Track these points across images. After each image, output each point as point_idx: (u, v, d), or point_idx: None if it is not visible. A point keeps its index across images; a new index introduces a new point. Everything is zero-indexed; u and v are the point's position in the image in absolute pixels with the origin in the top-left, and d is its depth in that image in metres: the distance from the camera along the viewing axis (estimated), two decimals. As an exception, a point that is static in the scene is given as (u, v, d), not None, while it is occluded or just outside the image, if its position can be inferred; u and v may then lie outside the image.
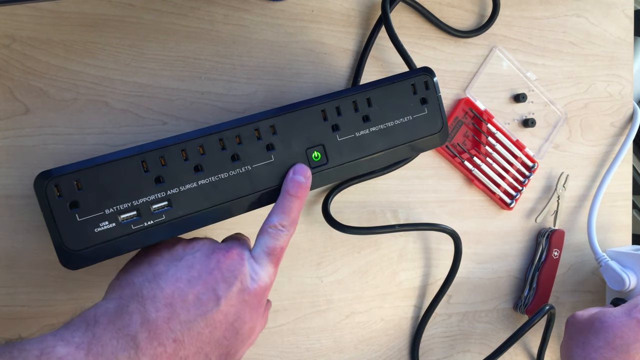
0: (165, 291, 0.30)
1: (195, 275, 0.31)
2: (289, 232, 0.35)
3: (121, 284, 0.31)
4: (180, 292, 0.30)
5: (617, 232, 0.62)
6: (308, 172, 0.36)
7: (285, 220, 0.35)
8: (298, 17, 0.46)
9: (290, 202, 0.35)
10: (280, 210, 0.35)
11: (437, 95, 0.41)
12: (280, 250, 0.35)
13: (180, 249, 0.33)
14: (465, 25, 0.53)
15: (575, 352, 0.48)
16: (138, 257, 0.34)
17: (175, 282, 0.30)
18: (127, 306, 0.29)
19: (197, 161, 0.34)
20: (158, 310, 0.29)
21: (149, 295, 0.30)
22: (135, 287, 0.30)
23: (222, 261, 0.32)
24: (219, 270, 0.32)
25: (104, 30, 0.40)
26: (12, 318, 0.38)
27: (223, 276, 0.32)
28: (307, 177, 0.36)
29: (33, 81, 0.38)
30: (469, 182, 0.54)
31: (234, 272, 0.32)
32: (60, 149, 0.39)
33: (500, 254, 0.56)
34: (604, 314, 0.48)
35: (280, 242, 0.34)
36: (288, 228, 0.35)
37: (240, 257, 0.33)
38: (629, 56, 0.62)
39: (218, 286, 0.31)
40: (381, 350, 0.51)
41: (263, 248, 0.34)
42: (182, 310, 0.30)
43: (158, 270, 0.31)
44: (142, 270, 0.32)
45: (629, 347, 0.45)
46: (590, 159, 0.60)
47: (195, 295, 0.30)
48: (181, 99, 0.42)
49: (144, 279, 0.31)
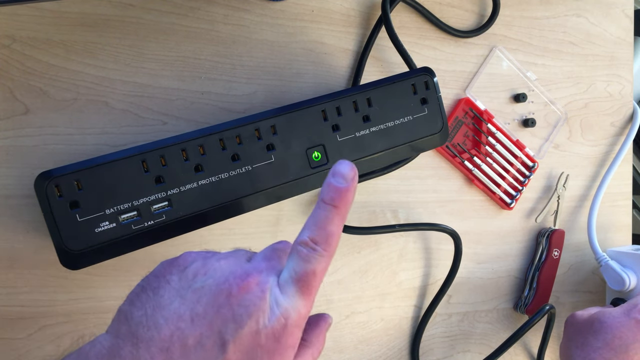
0: (162, 333, 0.25)
1: (200, 313, 0.25)
2: (325, 253, 0.27)
3: (120, 316, 0.27)
4: (180, 335, 0.25)
5: (617, 232, 0.62)
6: (352, 171, 0.27)
7: (320, 236, 0.27)
8: (298, 17, 0.46)
9: (326, 211, 0.27)
10: (312, 223, 0.27)
11: (437, 95, 0.41)
12: (312, 277, 0.26)
13: (192, 272, 0.28)
14: (465, 25, 0.53)
15: (575, 352, 0.48)
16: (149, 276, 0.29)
17: (176, 322, 0.25)
18: (120, 349, 0.25)
19: (198, 161, 0.34)
20: (152, 356, 0.25)
21: (145, 338, 0.25)
22: (133, 324, 0.26)
23: (235, 294, 0.26)
24: (229, 307, 0.25)
25: (104, 30, 0.40)
26: (12, 318, 0.38)
27: (233, 314, 0.25)
28: (350, 178, 0.27)
29: (33, 81, 0.38)
30: (469, 182, 0.54)
31: (248, 309, 0.25)
32: (60, 149, 0.39)
33: (500, 254, 0.56)
34: (603, 314, 0.48)
35: (312, 265, 0.26)
36: (323, 246, 0.27)
37: (261, 287, 0.26)
38: (629, 56, 0.62)
39: (225, 328, 0.25)
40: (381, 350, 0.51)
41: (291, 273, 0.27)
42: (180, 358, 0.25)
43: (161, 303, 0.26)
44: (145, 299, 0.27)
45: (627, 348, 0.45)
46: (590, 159, 0.60)
47: (197, 340, 0.25)
48: (181, 99, 0.42)
49: (143, 314, 0.26)
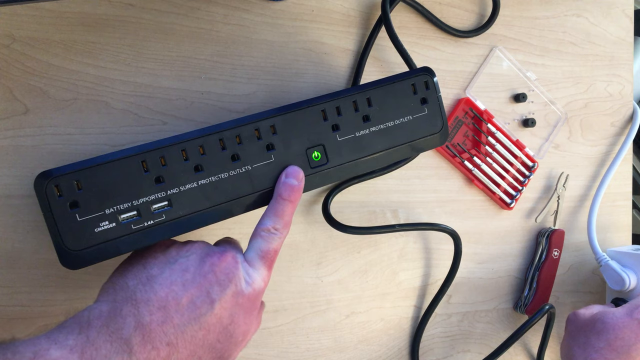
0: (159, 294, 0.30)
1: (189, 279, 0.31)
2: (282, 235, 0.35)
3: (115, 287, 0.31)
4: (174, 296, 0.30)
5: (617, 232, 0.62)
6: (300, 174, 0.36)
7: (278, 223, 0.35)
8: (298, 17, 0.46)
9: (283, 205, 0.35)
10: (272, 214, 0.35)
11: (437, 95, 0.41)
12: (274, 253, 0.35)
13: (175, 251, 0.33)
14: (465, 25, 0.53)
15: (577, 352, 0.48)
16: (132, 258, 0.33)
17: (169, 285, 0.30)
18: (120, 309, 0.29)
19: (197, 161, 0.34)
20: (152, 313, 0.29)
21: (143, 299, 0.29)
22: (129, 290, 0.30)
23: (217, 264, 0.32)
24: (213, 274, 0.32)
25: (104, 30, 0.40)
26: (11, 318, 0.38)
27: (217, 279, 0.31)
28: (300, 179, 0.36)
29: (33, 81, 0.38)
30: (469, 182, 0.54)
31: (229, 275, 0.32)
32: (60, 149, 0.39)
33: (500, 254, 0.56)
34: (606, 315, 0.48)
35: (273, 245, 0.34)
36: (281, 231, 0.35)
37: (235, 260, 0.33)
38: (629, 56, 0.62)
39: (212, 289, 0.31)
40: (381, 350, 0.51)
41: (257, 251, 0.34)
42: (176, 313, 0.30)
43: (152, 273, 0.31)
44: (136, 272, 0.31)
45: (629, 349, 0.45)
46: (590, 159, 0.60)
47: (189, 299, 0.30)
48: (181, 99, 0.42)
49: (138, 282, 0.30)
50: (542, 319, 0.52)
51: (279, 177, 0.36)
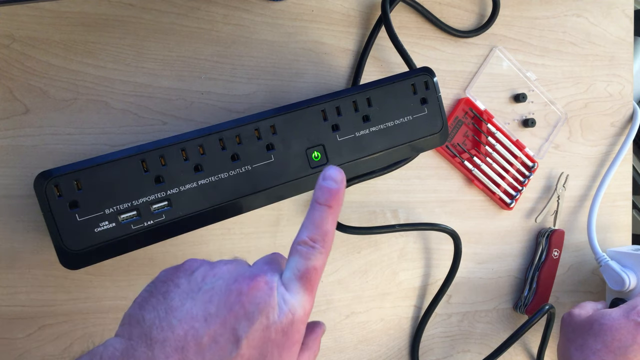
0: (177, 332, 0.26)
1: (212, 312, 0.27)
2: (323, 249, 0.29)
3: (131, 320, 0.28)
4: (195, 334, 0.26)
5: (617, 232, 0.62)
6: (340, 175, 0.30)
7: (317, 234, 0.29)
8: (298, 17, 0.46)
9: (321, 212, 0.29)
10: (309, 223, 0.29)
11: (437, 95, 0.41)
12: (314, 272, 0.29)
13: (200, 276, 0.29)
14: (465, 25, 0.53)
15: (574, 353, 0.48)
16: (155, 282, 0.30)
17: (189, 321, 0.26)
18: (134, 350, 0.26)
19: (197, 161, 0.34)
20: (167, 356, 0.26)
21: (159, 339, 0.26)
22: (146, 326, 0.27)
23: (245, 293, 0.27)
24: (240, 305, 0.27)
25: (104, 30, 0.40)
26: (12, 318, 0.38)
27: (245, 312, 0.27)
28: (340, 181, 0.30)
29: (33, 81, 0.38)
30: (469, 182, 0.54)
31: (259, 306, 0.27)
32: (60, 149, 0.39)
33: (500, 254, 0.56)
34: (602, 316, 0.48)
35: (313, 262, 0.29)
36: (321, 243, 0.29)
37: (269, 285, 0.28)
38: (629, 56, 0.62)
39: (238, 325, 0.26)
40: (381, 350, 0.51)
41: (293, 271, 0.29)
42: (195, 355, 0.26)
43: (172, 305, 0.27)
44: (155, 304, 0.28)
45: (626, 350, 0.45)
46: (590, 159, 0.60)
47: (211, 337, 0.26)
48: (181, 99, 0.42)
49: (156, 316, 0.27)
50: (542, 319, 0.52)
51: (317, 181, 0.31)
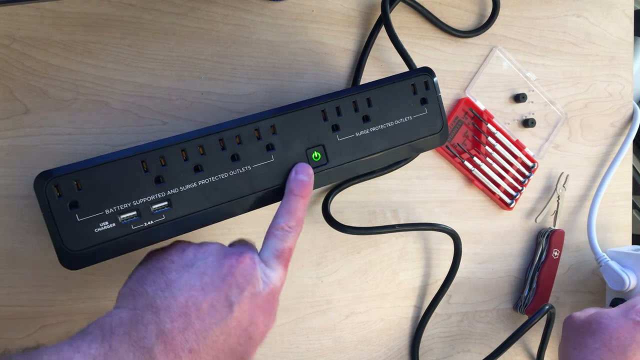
0: (179, 300, 0.30)
1: (208, 282, 0.31)
2: (296, 232, 0.35)
3: (134, 293, 0.31)
4: (194, 301, 0.30)
5: (617, 232, 0.62)
6: (310, 170, 0.37)
7: (292, 220, 0.35)
8: (298, 17, 0.46)
9: (295, 202, 0.35)
10: (285, 211, 0.35)
11: (437, 95, 0.41)
12: (289, 251, 0.35)
13: (192, 253, 0.33)
14: (465, 25, 0.53)
15: (572, 353, 0.48)
16: (148, 262, 0.33)
17: (188, 290, 0.30)
18: (142, 317, 0.29)
19: (197, 161, 0.34)
20: (173, 320, 0.29)
21: (163, 305, 0.29)
22: (149, 297, 0.30)
23: (235, 266, 0.32)
24: (232, 276, 0.31)
25: (104, 30, 0.40)
26: (12, 318, 0.38)
27: (236, 282, 0.31)
28: (310, 175, 0.36)
29: (33, 81, 0.38)
30: (469, 182, 0.54)
31: (247, 277, 0.32)
32: (60, 149, 0.39)
33: (500, 254, 0.56)
34: (601, 316, 0.48)
35: (288, 243, 0.35)
36: (295, 228, 0.35)
37: (253, 261, 0.33)
38: (629, 56, 0.62)
39: (231, 292, 0.31)
40: (381, 350, 0.51)
41: (272, 251, 0.34)
42: (197, 319, 0.29)
43: (171, 278, 0.31)
44: (154, 278, 0.31)
45: (625, 349, 0.45)
46: (590, 159, 0.60)
47: (209, 303, 0.30)
48: (181, 99, 0.42)
49: (157, 288, 0.30)
50: (542, 319, 0.52)
51: (289, 175, 0.36)
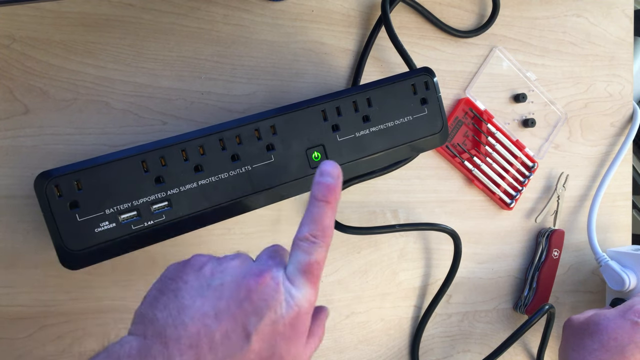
0: (190, 330, 0.27)
1: (223, 309, 0.28)
2: (324, 243, 0.30)
3: (144, 319, 0.28)
4: (207, 331, 0.27)
5: (617, 232, 0.62)
6: (336, 169, 0.31)
7: (317, 230, 0.30)
8: (298, 17, 0.46)
9: (319, 208, 0.30)
10: (310, 220, 0.30)
11: (437, 96, 0.41)
12: (316, 266, 0.30)
13: (209, 271, 0.30)
14: (465, 25, 0.53)
15: (571, 355, 0.48)
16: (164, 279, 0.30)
17: (201, 319, 0.27)
18: (150, 348, 0.27)
19: (197, 161, 0.34)
20: (182, 353, 0.26)
21: (173, 336, 0.27)
22: (159, 325, 0.28)
23: (254, 289, 0.28)
24: (249, 302, 0.28)
25: (104, 31, 0.40)
26: (12, 318, 0.38)
27: (254, 308, 0.28)
28: (336, 175, 0.31)
29: (33, 81, 0.38)
30: (469, 182, 0.54)
31: (267, 301, 0.28)
32: (61, 149, 0.39)
33: (500, 254, 0.56)
34: (599, 317, 0.48)
35: (315, 255, 0.30)
36: (321, 238, 0.30)
37: (275, 281, 0.29)
38: (629, 56, 0.62)
39: (248, 320, 0.27)
40: (381, 350, 0.51)
41: (296, 265, 0.30)
42: (209, 352, 0.27)
43: (184, 304, 0.28)
44: (166, 302, 0.29)
45: (623, 349, 0.45)
46: (590, 159, 0.60)
47: (223, 333, 0.27)
48: (181, 99, 0.42)
49: (168, 315, 0.28)
50: (542, 319, 0.52)
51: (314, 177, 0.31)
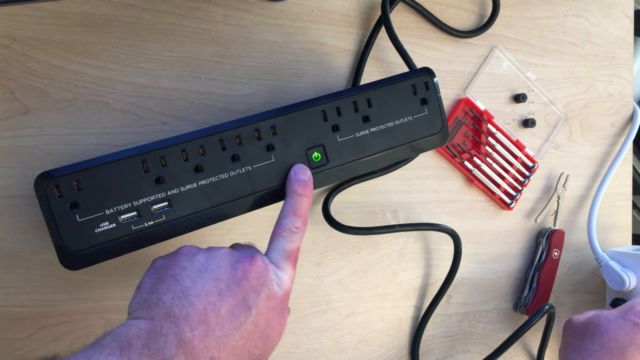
0: (197, 307, 0.29)
1: (224, 287, 0.31)
2: (302, 232, 0.35)
3: (149, 304, 0.30)
4: (213, 307, 0.30)
5: (617, 232, 0.62)
6: (308, 171, 0.37)
7: (297, 221, 0.35)
8: (298, 17, 0.46)
9: (299, 201, 0.36)
10: (291, 212, 0.35)
11: (437, 96, 0.41)
12: (296, 252, 0.35)
13: (203, 258, 0.32)
14: (465, 25, 0.53)
15: (571, 356, 0.48)
16: (157, 270, 0.32)
17: (206, 297, 0.30)
18: (160, 327, 0.28)
19: (198, 161, 0.34)
20: (193, 329, 0.28)
21: (182, 314, 0.29)
22: (166, 306, 0.29)
23: (249, 270, 0.32)
24: (246, 280, 0.31)
25: (104, 31, 0.40)
26: (12, 318, 0.38)
27: (251, 285, 0.31)
28: (309, 175, 0.37)
29: (33, 81, 0.38)
30: (469, 182, 0.54)
31: (261, 280, 0.32)
32: (61, 149, 0.39)
33: (500, 254, 0.56)
34: (599, 318, 0.48)
35: (295, 243, 0.35)
36: (301, 229, 0.35)
37: (264, 263, 0.33)
38: (629, 56, 0.62)
39: (248, 296, 0.31)
40: (381, 350, 0.51)
41: (281, 252, 0.34)
42: (217, 325, 0.29)
43: (186, 285, 0.30)
44: (168, 286, 0.30)
45: (624, 350, 0.45)
46: (590, 159, 0.60)
47: (228, 309, 0.30)
48: (181, 99, 0.42)
49: (174, 296, 0.30)
50: (542, 319, 0.52)
51: (288, 177, 0.37)
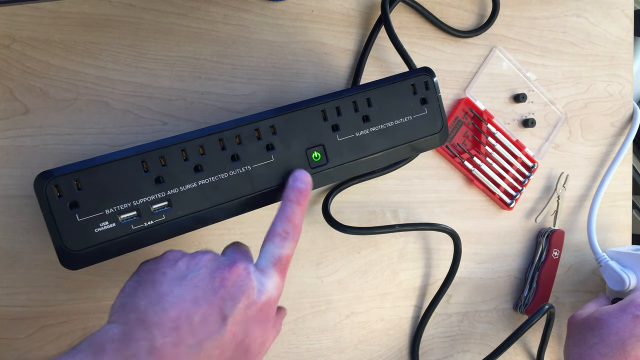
0: (170, 314, 0.29)
1: (200, 295, 0.30)
2: (293, 239, 0.34)
3: (125, 308, 0.30)
4: (186, 315, 0.29)
5: (617, 232, 0.62)
6: (308, 177, 0.36)
7: (289, 227, 0.34)
8: (298, 17, 0.46)
9: (292, 208, 0.35)
10: (283, 218, 0.34)
11: (437, 96, 0.41)
12: (286, 259, 0.34)
13: (184, 265, 0.32)
14: (465, 25, 0.53)
15: (572, 350, 0.48)
16: (139, 274, 0.32)
17: (180, 304, 0.29)
18: (132, 333, 0.28)
19: (197, 161, 0.34)
20: (165, 336, 0.28)
21: (154, 321, 0.29)
22: (140, 312, 0.29)
23: (227, 278, 0.31)
24: (224, 288, 0.31)
25: (104, 31, 0.40)
26: (12, 318, 0.38)
27: (229, 293, 0.31)
28: (307, 182, 0.36)
29: (33, 81, 0.38)
30: (469, 182, 0.54)
31: (241, 288, 0.31)
32: (60, 149, 0.39)
33: (500, 254, 0.56)
34: (600, 312, 0.48)
35: (285, 250, 0.34)
36: (292, 235, 0.34)
37: (246, 270, 0.32)
38: (629, 56, 0.62)
39: (224, 305, 0.30)
40: (381, 350, 0.51)
41: (269, 258, 0.33)
42: (189, 334, 0.29)
43: (162, 291, 0.30)
44: (145, 291, 0.30)
45: (624, 343, 0.45)
46: (590, 159, 0.60)
47: (202, 317, 0.29)
48: (181, 99, 0.42)
49: (148, 302, 0.30)
50: (542, 319, 0.52)
51: (287, 182, 0.36)
